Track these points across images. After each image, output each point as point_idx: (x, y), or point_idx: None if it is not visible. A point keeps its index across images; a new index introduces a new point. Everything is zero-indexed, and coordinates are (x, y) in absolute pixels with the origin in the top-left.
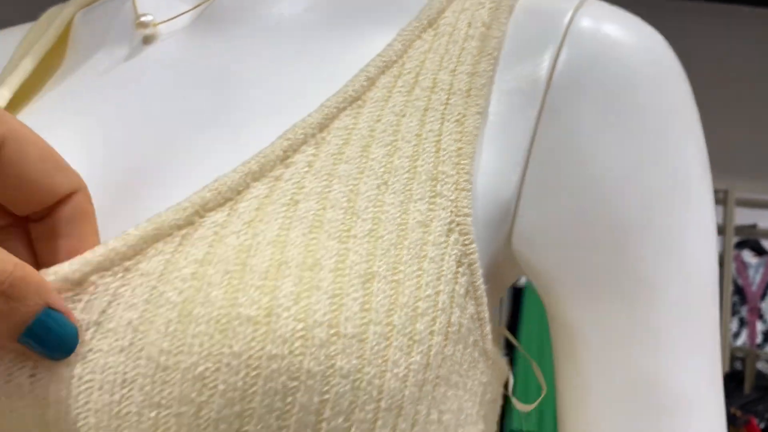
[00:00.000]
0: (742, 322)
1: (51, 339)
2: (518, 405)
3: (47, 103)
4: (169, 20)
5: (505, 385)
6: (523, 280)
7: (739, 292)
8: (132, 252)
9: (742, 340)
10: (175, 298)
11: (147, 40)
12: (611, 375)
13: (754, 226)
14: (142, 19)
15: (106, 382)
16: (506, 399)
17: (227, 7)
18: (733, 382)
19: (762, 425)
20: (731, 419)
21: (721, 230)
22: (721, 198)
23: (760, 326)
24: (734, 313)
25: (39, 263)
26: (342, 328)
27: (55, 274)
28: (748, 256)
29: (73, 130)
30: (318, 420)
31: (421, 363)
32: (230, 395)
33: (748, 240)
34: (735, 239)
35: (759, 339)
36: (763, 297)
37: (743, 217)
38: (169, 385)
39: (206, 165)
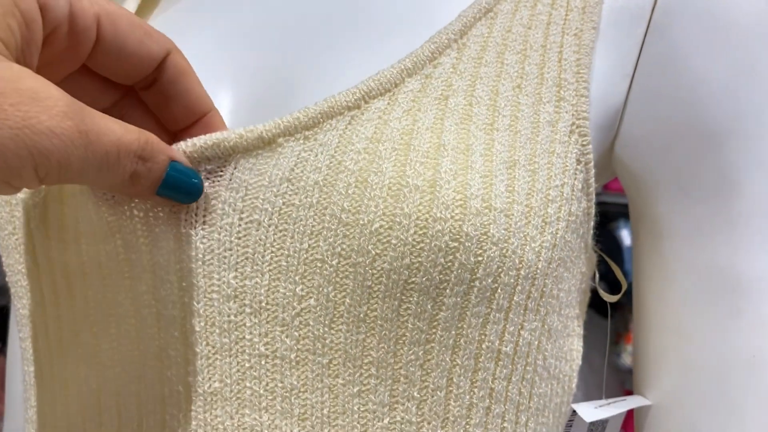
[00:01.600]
0: None
1: (181, 186)
2: (604, 296)
3: (178, 10)
4: None
5: (593, 278)
6: None
7: None
8: (312, 123)
9: None
10: (352, 166)
11: None
12: (693, 262)
13: None
14: None
15: (297, 232)
16: None
17: None
18: None
19: None
20: None
21: None
22: None
23: None
24: None
25: (161, 125)
26: (493, 203)
27: (251, 132)
28: None
29: (215, 34)
30: (472, 278)
31: (550, 242)
32: (401, 249)
33: None
34: None
35: None
36: None
37: None
38: (349, 239)
39: (353, 64)
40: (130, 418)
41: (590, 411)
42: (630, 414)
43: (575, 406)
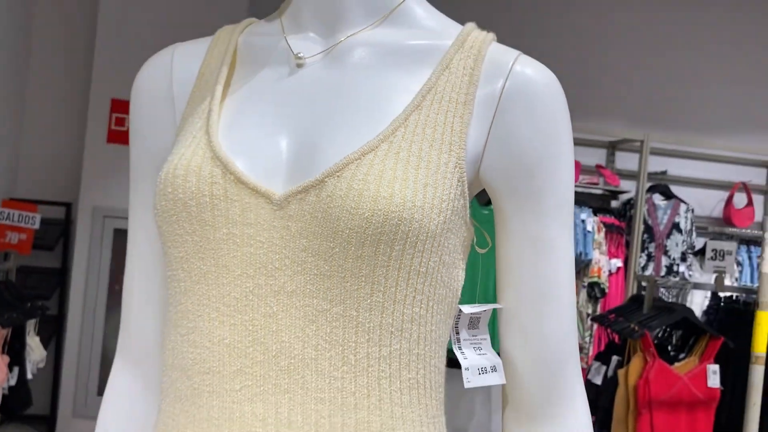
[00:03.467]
0: (650, 257)
1: None
2: (477, 249)
3: (238, 100)
4: (312, 56)
5: (472, 239)
6: None
7: (648, 230)
8: (339, 169)
9: (648, 271)
10: (356, 187)
11: (299, 66)
12: (522, 232)
13: (664, 172)
14: (299, 55)
15: (330, 219)
16: None
17: (339, 51)
18: (635, 304)
19: (655, 339)
20: (631, 332)
21: (636, 175)
22: (638, 147)
23: (664, 261)
24: (643, 249)
25: None
26: (417, 203)
27: (315, 179)
28: (658, 198)
29: (262, 118)
30: (406, 238)
31: (443, 221)
32: (376, 225)
33: (658, 185)
34: (647, 183)
35: (663, 271)
36: (668, 235)
37: (656, 164)
38: (353, 221)
39: (350, 137)
40: (247, 308)
41: (468, 308)
42: None
43: (460, 306)
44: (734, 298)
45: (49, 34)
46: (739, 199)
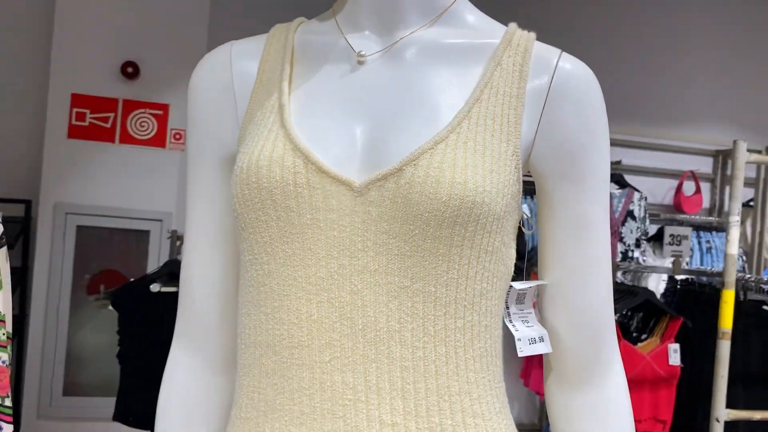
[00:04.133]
0: None
1: None
2: (523, 229)
3: (304, 95)
4: (372, 54)
5: (521, 222)
6: None
7: None
8: (415, 157)
9: None
10: (433, 174)
11: (360, 63)
12: (566, 212)
13: (618, 162)
14: (361, 53)
15: (411, 203)
16: None
17: (397, 49)
18: None
19: (617, 318)
20: None
21: None
22: None
23: (620, 247)
24: None
25: None
26: (486, 188)
27: (393, 167)
28: (613, 187)
29: (331, 112)
30: (477, 220)
31: (505, 204)
32: (453, 208)
33: (613, 174)
34: None
35: (619, 257)
36: (623, 223)
37: (611, 154)
38: (432, 204)
39: (417, 128)
40: (333, 287)
41: (518, 284)
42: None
43: (511, 283)
44: (689, 280)
45: (6, 28)
46: (688, 187)
